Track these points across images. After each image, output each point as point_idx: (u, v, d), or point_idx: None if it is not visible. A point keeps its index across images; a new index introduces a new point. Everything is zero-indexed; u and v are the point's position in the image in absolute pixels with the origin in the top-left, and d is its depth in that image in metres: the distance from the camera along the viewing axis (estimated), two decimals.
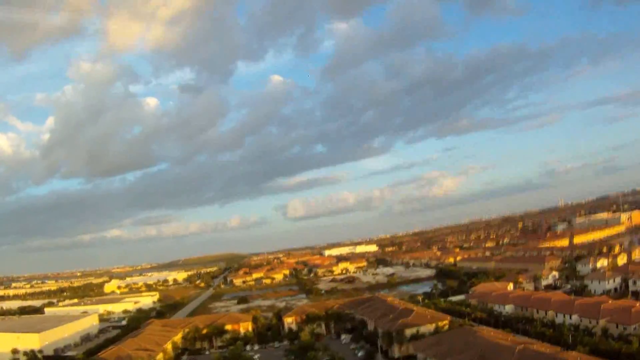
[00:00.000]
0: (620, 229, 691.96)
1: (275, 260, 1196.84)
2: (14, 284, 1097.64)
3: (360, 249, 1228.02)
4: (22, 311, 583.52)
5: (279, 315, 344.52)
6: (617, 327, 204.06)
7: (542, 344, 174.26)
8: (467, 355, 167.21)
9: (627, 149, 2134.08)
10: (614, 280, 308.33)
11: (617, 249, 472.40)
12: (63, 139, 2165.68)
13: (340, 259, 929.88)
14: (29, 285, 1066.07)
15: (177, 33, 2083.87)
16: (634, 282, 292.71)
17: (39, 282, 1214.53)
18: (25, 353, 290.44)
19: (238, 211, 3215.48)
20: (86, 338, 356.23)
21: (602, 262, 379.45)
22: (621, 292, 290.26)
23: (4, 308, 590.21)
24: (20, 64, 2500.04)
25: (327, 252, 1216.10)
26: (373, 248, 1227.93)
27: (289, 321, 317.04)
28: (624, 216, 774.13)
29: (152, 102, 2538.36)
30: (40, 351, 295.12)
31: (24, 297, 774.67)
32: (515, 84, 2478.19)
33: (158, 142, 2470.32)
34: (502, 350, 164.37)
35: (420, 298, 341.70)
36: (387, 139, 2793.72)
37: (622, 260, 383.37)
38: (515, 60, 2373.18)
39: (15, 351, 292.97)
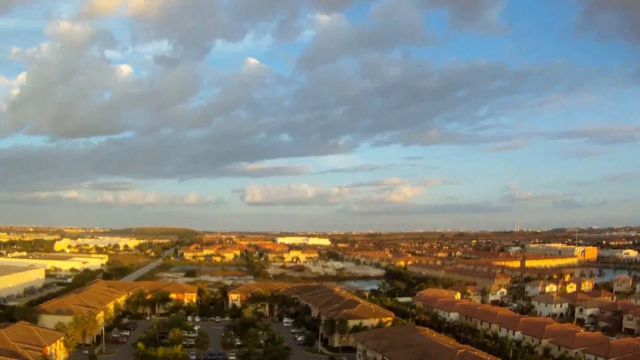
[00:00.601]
0: (573, 260, 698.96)
1: (228, 241, 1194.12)
2: None
3: (313, 241, 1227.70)
4: None
5: (225, 291, 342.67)
6: (559, 349, 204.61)
7: (483, 353, 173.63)
8: (408, 352, 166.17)
9: (589, 187, 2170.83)
10: (561, 305, 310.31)
11: (567, 277, 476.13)
12: (33, 95, 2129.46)
13: (292, 247, 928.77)
14: None
15: (159, 2, 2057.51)
16: (581, 310, 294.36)
17: None
18: None
19: (196, 188, 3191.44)
20: (30, 291, 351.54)
21: (551, 287, 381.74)
22: (567, 318, 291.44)
23: None
24: (1, 17, 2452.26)
25: (279, 240, 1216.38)
26: (326, 242, 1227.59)
27: (234, 297, 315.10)
28: (578, 249, 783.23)
29: (125, 69, 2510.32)
30: None
31: None
32: (488, 102, 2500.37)
33: (127, 110, 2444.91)
34: (444, 351, 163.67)
35: (366, 294, 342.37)
36: (354, 138, 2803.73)
37: (571, 288, 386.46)
38: (491, 78, 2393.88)
39: None
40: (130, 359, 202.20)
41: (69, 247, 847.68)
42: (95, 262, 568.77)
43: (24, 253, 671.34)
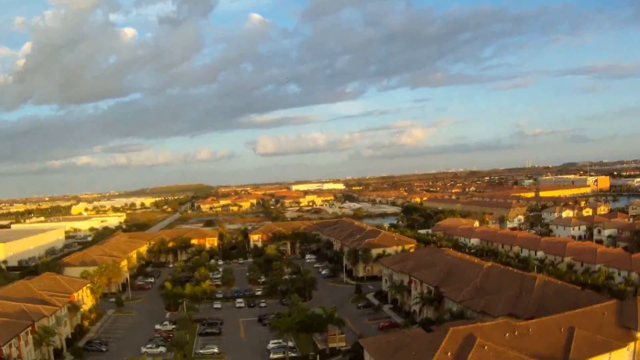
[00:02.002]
0: (586, 190, 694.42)
1: (243, 192, 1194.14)
2: None
3: (327, 186, 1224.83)
4: None
5: (245, 233, 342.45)
6: (582, 265, 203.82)
7: (509, 267, 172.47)
8: (434, 270, 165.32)
9: (597, 121, 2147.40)
10: (580, 228, 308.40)
11: (583, 203, 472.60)
12: (38, 64, 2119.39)
13: (307, 193, 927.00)
14: None
15: None
16: (599, 231, 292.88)
17: (6, 204, 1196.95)
18: None
19: (208, 144, 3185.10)
20: (51, 252, 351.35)
21: (568, 213, 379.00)
22: (585, 240, 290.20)
23: None
24: None
25: (294, 188, 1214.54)
26: (340, 187, 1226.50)
27: (255, 238, 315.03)
28: (590, 179, 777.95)
29: (130, 32, 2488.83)
30: (5, 262, 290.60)
31: None
32: (492, 43, 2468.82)
33: (133, 73, 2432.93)
34: (471, 266, 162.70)
35: (386, 227, 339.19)
36: (361, 84, 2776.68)
37: (587, 213, 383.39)
38: (493, 21, 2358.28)
39: None
40: (157, 302, 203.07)
41: (86, 210, 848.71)
42: (114, 220, 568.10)
43: (42, 218, 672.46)
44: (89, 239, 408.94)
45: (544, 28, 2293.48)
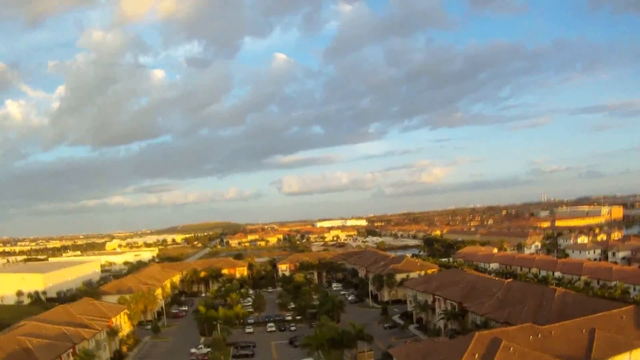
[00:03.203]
0: (601, 220, 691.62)
1: (270, 229, 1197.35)
2: (19, 243, 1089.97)
3: (350, 222, 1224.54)
4: (28, 259, 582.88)
5: (274, 263, 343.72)
6: (598, 282, 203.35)
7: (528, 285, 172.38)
8: (457, 288, 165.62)
9: (610, 158, 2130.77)
10: (595, 252, 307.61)
11: (597, 230, 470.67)
12: (72, 107, 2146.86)
13: (331, 229, 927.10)
14: (34, 244, 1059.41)
15: (187, 5, 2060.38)
16: (613, 254, 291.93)
17: (43, 241, 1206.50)
18: (29, 295, 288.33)
19: (236, 184, 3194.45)
20: (88, 284, 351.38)
21: (583, 239, 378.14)
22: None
23: (10, 261, 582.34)
24: (34, 31, 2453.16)
25: (319, 224, 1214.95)
26: (363, 223, 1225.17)
27: (283, 268, 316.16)
28: (604, 209, 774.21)
29: (159, 74, 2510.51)
30: (44, 292, 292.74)
31: (29, 253, 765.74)
32: (510, 83, 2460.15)
33: (163, 114, 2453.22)
34: (492, 283, 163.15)
35: (409, 257, 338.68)
36: (383, 125, 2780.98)
37: (601, 238, 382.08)
38: (511, 58, 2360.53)
39: (20, 293, 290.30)
40: (191, 328, 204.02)
41: (120, 246, 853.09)
42: (147, 255, 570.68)
43: (78, 252, 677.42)
44: (124, 272, 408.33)
45: (560, 66, 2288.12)
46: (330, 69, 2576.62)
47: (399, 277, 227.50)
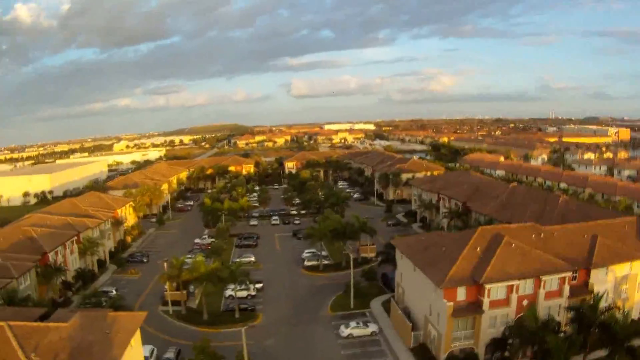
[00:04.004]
0: (608, 139, 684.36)
1: (278, 130, 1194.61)
2: (27, 149, 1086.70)
3: (358, 126, 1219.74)
4: (35, 164, 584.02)
5: (281, 160, 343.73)
6: (602, 196, 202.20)
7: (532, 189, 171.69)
8: (462, 188, 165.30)
9: (619, 81, 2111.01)
10: (600, 168, 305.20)
11: (604, 149, 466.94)
12: (82, 9, 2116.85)
13: (339, 131, 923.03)
14: (42, 149, 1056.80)
15: None
16: (619, 172, 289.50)
17: (51, 145, 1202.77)
18: (36, 195, 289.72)
19: (244, 86, 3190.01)
20: (95, 182, 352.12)
21: (590, 155, 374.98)
22: None
23: (17, 166, 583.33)
24: None
25: (327, 127, 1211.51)
26: (371, 127, 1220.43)
27: (290, 166, 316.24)
28: (612, 130, 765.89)
29: None
30: (51, 192, 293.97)
31: (36, 158, 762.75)
32: (521, 1, 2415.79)
33: (172, 16, 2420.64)
34: (497, 185, 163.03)
35: (415, 158, 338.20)
36: (392, 32, 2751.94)
37: (608, 156, 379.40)
38: None
39: (26, 194, 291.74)
40: (196, 221, 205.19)
41: (127, 147, 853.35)
42: (154, 154, 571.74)
43: (86, 154, 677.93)
44: (131, 171, 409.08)
45: None
46: None
47: (404, 176, 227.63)
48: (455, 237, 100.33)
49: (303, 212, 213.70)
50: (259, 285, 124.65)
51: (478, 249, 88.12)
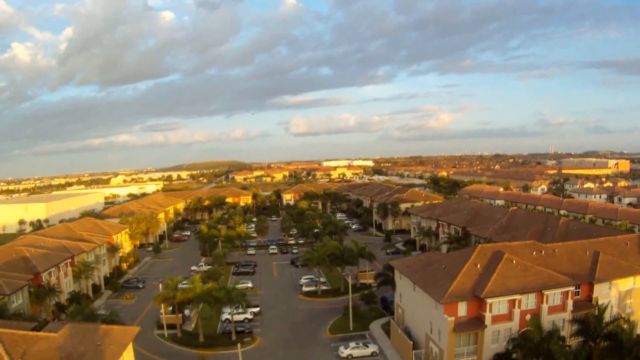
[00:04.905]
0: (607, 171, 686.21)
1: (276, 167, 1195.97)
2: (23, 182, 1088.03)
3: (357, 163, 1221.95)
4: (31, 194, 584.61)
5: (279, 193, 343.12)
6: (603, 222, 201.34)
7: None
8: (461, 214, 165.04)
9: (618, 114, 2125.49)
10: (600, 197, 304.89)
11: (604, 179, 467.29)
12: (80, 48, 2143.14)
13: (337, 167, 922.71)
14: (38, 181, 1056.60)
15: None
16: (620, 199, 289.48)
17: (48, 179, 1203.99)
18: (31, 223, 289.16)
19: (242, 123, 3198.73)
20: (91, 213, 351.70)
21: (589, 185, 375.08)
22: None
23: (14, 197, 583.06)
24: None
25: (325, 164, 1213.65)
26: (369, 163, 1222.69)
27: (288, 197, 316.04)
28: (611, 162, 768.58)
29: (168, 15, 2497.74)
30: (47, 220, 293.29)
31: (32, 190, 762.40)
32: (520, 34, 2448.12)
33: (171, 55, 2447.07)
34: (496, 210, 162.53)
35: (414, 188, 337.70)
36: (391, 69, 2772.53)
37: (608, 186, 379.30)
38: (522, 11, 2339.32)
39: (22, 222, 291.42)
40: (193, 251, 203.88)
41: (125, 181, 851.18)
42: (151, 188, 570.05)
43: (83, 186, 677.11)
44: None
45: (571, 21, 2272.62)
46: (339, 14, 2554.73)
47: (403, 206, 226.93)
48: (455, 255, 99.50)
49: (301, 241, 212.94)
50: (255, 310, 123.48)
51: (478, 265, 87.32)
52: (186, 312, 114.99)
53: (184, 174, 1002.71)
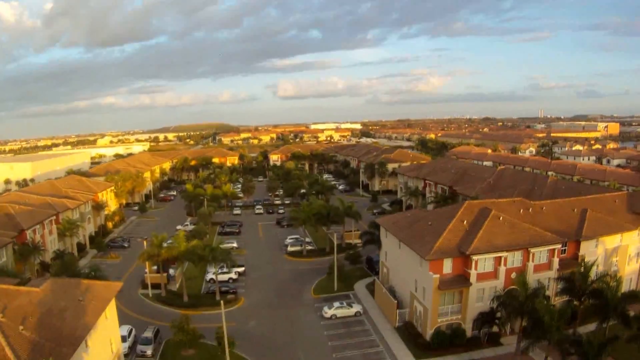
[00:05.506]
0: (597, 134, 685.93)
1: (263, 129, 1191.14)
2: (9, 143, 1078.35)
3: (345, 126, 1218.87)
4: (17, 154, 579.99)
5: (266, 153, 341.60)
6: (591, 182, 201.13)
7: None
8: (448, 173, 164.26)
9: (610, 78, 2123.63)
10: (589, 159, 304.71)
11: (593, 142, 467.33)
12: (66, 8, 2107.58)
13: (325, 130, 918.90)
14: (25, 142, 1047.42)
15: None
16: (608, 161, 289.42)
17: (34, 141, 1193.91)
18: (17, 182, 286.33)
19: (230, 86, 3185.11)
20: (77, 172, 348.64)
21: (578, 147, 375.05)
22: None
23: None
24: None
25: (313, 127, 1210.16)
26: (358, 126, 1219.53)
27: (275, 158, 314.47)
28: (600, 125, 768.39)
29: None
30: (32, 180, 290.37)
31: (19, 151, 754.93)
32: None
33: (158, 16, 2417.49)
34: (484, 170, 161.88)
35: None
36: (381, 32, 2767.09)
37: (597, 147, 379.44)
38: None
39: (7, 181, 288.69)
40: (179, 210, 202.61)
41: (111, 142, 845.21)
42: (138, 148, 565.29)
43: (69, 147, 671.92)
44: None
45: None
46: None
47: (390, 166, 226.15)
48: (442, 212, 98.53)
49: (287, 201, 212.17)
50: (240, 269, 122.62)
51: (465, 222, 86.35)
52: (171, 271, 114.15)
53: (171, 136, 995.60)
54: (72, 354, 50.28)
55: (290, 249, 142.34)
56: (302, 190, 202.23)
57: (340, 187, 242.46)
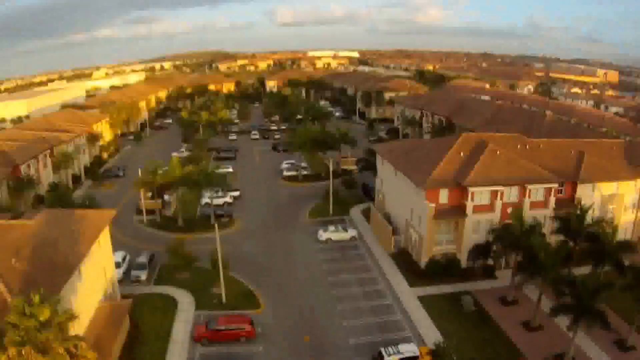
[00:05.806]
0: (595, 80, 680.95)
1: (260, 57, 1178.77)
2: (5, 82, 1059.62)
3: (343, 54, 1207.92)
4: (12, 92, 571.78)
5: (262, 80, 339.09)
6: (588, 127, 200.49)
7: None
8: (446, 104, 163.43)
9: (612, 24, 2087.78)
10: (587, 103, 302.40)
11: (591, 86, 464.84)
12: None
13: (323, 57, 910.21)
14: (20, 80, 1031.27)
15: None
16: (606, 108, 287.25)
17: (29, 77, 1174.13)
18: (12, 120, 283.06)
19: (227, 14, 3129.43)
20: (71, 105, 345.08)
21: (577, 90, 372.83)
22: None
23: None
24: None
25: (310, 54, 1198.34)
26: (355, 55, 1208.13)
27: (271, 84, 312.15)
28: (600, 71, 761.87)
29: None
30: (28, 117, 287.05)
31: (14, 89, 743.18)
32: None
33: None
34: (482, 104, 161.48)
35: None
36: None
37: (595, 92, 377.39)
38: None
39: (3, 120, 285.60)
40: (174, 138, 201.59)
41: (107, 74, 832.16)
42: (134, 78, 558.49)
43: (64, 81, 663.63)
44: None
45: None
46: None
47: (387, 95, 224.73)
48: (439, 142, 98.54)
49: (283, 127, 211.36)
50: (235, 194, 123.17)
51: (462, 154, 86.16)
52: (166, 197, 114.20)
53: (167, 65, 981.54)
54: (65, 282, 50.88)
55: (286, 173, 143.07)
56: (299, 116, 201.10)
57: (337, 114, 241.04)
